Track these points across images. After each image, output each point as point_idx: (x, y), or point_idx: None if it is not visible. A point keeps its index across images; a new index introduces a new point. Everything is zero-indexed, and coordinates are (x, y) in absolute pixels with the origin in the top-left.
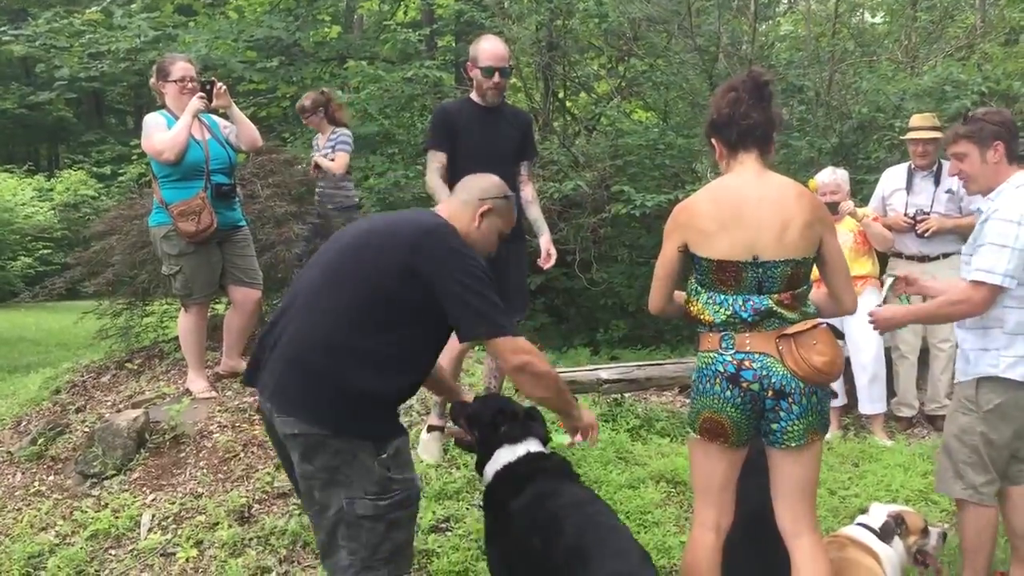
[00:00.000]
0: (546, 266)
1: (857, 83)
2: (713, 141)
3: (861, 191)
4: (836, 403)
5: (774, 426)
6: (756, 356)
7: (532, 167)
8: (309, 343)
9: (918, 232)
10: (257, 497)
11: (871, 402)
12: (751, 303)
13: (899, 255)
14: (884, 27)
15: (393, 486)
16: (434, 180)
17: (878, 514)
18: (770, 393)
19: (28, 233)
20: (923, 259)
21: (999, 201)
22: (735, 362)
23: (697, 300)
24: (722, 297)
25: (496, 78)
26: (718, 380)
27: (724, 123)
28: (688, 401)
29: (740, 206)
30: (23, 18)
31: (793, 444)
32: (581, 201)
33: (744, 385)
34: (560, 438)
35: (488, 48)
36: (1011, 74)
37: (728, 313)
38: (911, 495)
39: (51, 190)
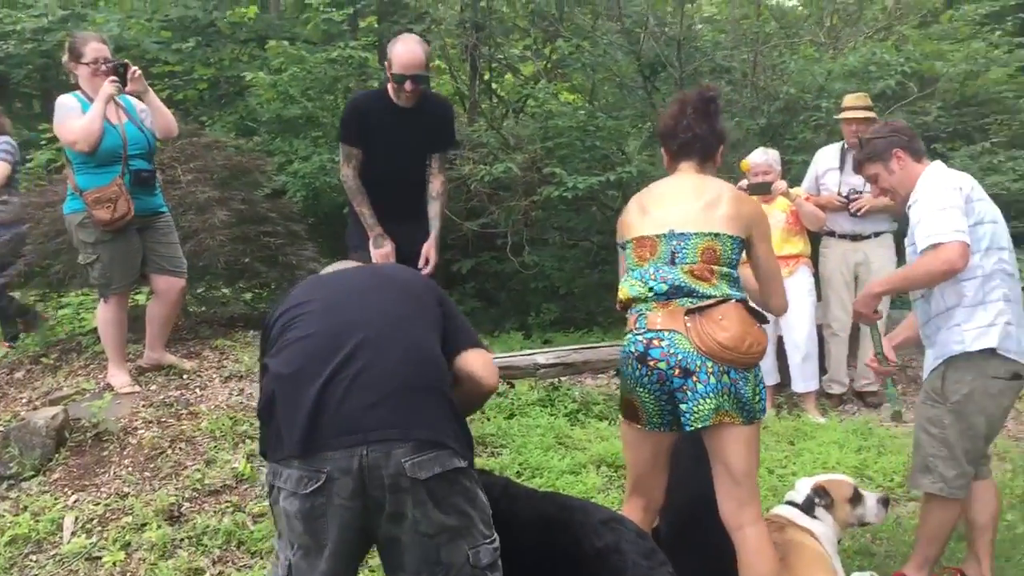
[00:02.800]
0: (423, 271)
1: (784, 64)
2: (662, 150)
3: (789, 171)
4: (769, 382)
5: (683, 407)
6: (664, 334)
7: (446, 159)
8: (419, 362)
9: (851, 211)
10: (187, 495)
11: (803, 380)
12: (661, 272)
13: (832, 234)
14: (802, 10)
15: (491, 522)
16: (351, 181)
17: (803, 489)
18: (677, 372)
19: None
20: (855, 238)
21: (917, 192)
22: (644, 341)
23: (620, 289)
24: (638, 272)
25: (408, 86)
26: (631, 361)
27: (668, 134)
28: None
29: (665, 194)
30: None
31: (699, 425)
32: (511, 184)
33: (652, 364)
34: None
35: (401, 55)
36: (929, 55)
37: (641, 286)
38: (847, 471)
39: None
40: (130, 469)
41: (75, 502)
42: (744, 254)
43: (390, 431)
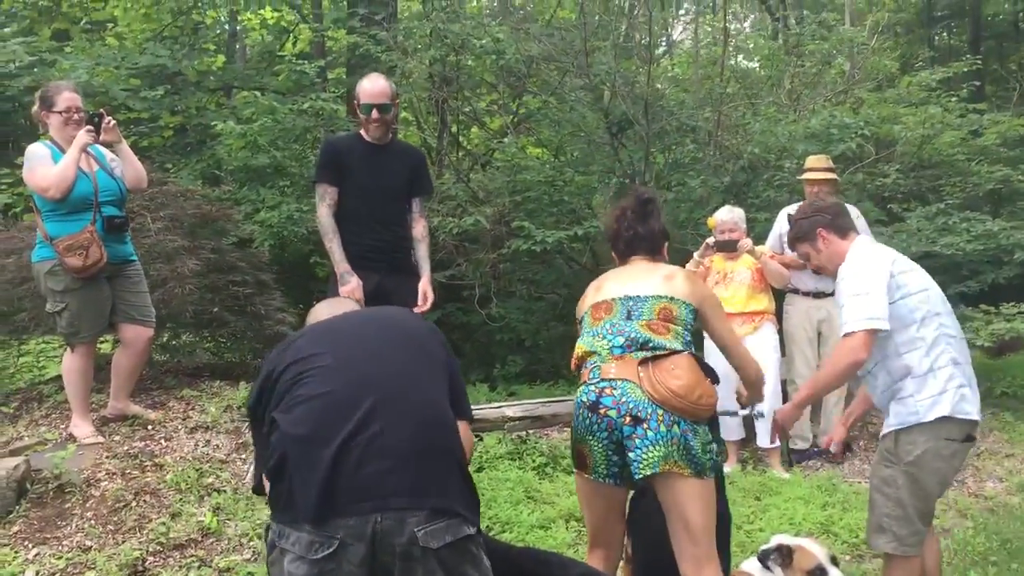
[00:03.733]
0: (421, 309)
1: (748, 123)
2: (612, 254)
3: (753, 229)
4: (734, 437)
5: (631, 455)
6: (617, 383)
7: (424, 204)
8: (433, 424)
9: (812, 269)
10: (151, 549)
11: (768, 436)
12: (617, 327)
13: (795, 291)
14: (763, 72)
15: None
16: (326, 219)
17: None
18: (627, 419)
19: None
20: (818, 295)
21: (840, 271)
22: (597, 390)
23: (577, 344)
24: (593, 330)
25: (375, 115)
26: (582, 410)
27: (613, 236)
28: None
29: (620, 274)
30: None
31: (648, 472)
32: (480, 236)
33: (602, 412)
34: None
35: (367, 87)
36: (886, 118)
37: (597, 340)
38: (813, 527)
39: None
40: (93, 522)
41: (36, 555)
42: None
43: (405, 499)
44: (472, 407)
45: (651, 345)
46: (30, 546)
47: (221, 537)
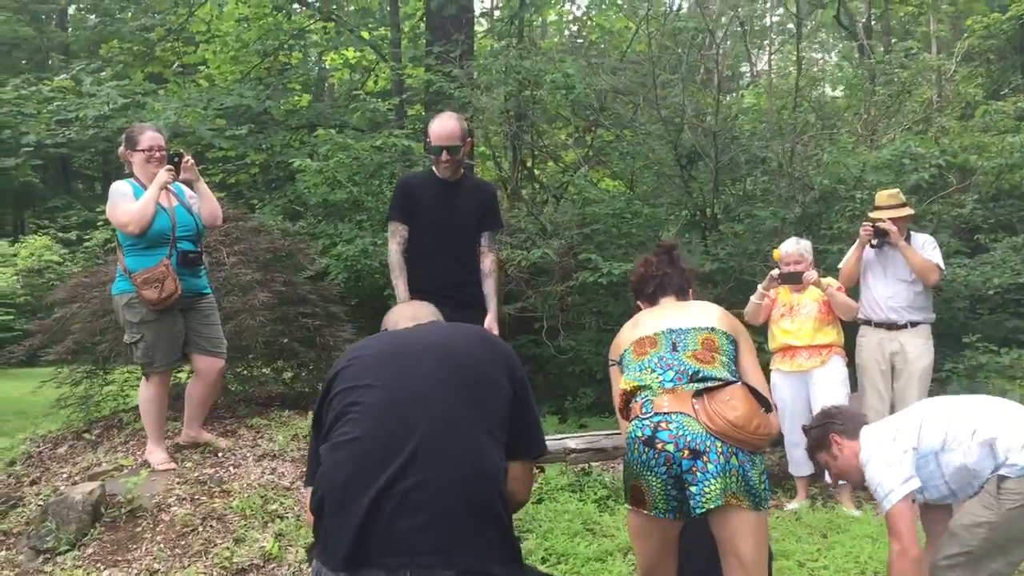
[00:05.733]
0: None
1: (818, 155)
2: (637, 303)
3: (825, 260)
4: (804, 472)
5: (692, 489)
6: (672, 416)
7: (494, 238)
8: (473, 478)
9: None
10: (216, 573)
11: None
12: (665, 360)
13: (868, 323)
14: (843, 101)
15: None
16: (394, 256)
17: None
18: (686, 453)
19: None
20: (891, 327)
21: (862, 459)
22: (652, 424)
23: (620, 385)
24: (639, 364)
25: (444, 156)
26: (637, 445)
27: (641, 280)
28: None
29: (655, 312)
30: None
31: (710, 506)
32: (549, 269)
33: (659, 446)
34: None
35: (436, 128)
36: (967, 148)
37: (646, 375)
38: (879, 567)
39: (15, 255)
40: (161, 546)
41: None
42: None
43: (437, 556)
44: None
45: (701, 376)
46: (102, 568)
47: (282, 563)
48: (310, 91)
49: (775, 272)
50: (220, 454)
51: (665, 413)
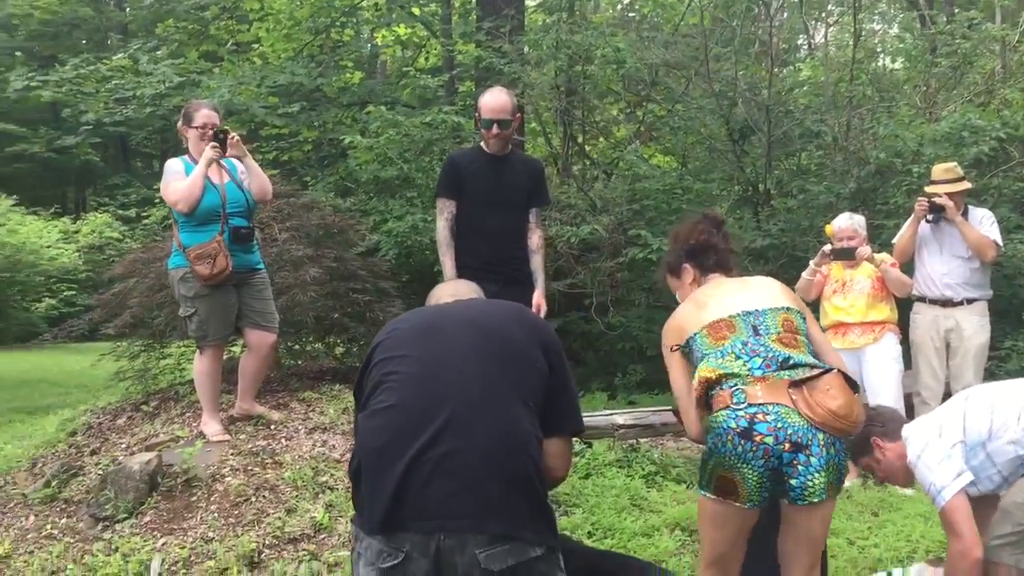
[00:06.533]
0: None
1: (875, 128)
2: (686, 267)
3: (880, 236)
4: None
5: (793, 482)
6: (769, 407)
7: (542, 214)
8: (505, 446)
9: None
10: (268, 542)
11: None
12: (750, 345)
13: (922, 299)
14: (903, 73)
15: None
16: (442, 233)
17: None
18: (787, 446)
19: (52, 275)
20: (946, 303)
21: (910, 458)
22: (747, 416)
23: (698, 372)
24: (719, 350)
25: (495, 130)
26: (731, 437)
27: (703, 249)
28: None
29: (715, 292)
30: (51, 64)
31: (816, 500)
32: (598, 245)
33: (758, 439)
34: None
35: (488, 101)
36: None
37: (731, 361)
38: (931, 546)
39: (77, 232)
40: (215, 515)
41: (163, 545)
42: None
43: (466, 521)
44: (583, 414)
45: (792, 363)
46: (158, 536)
47: (332, 533)
48: (362, 68)
49: (827, 247)
50: (272, 426)
51: (760, 404)
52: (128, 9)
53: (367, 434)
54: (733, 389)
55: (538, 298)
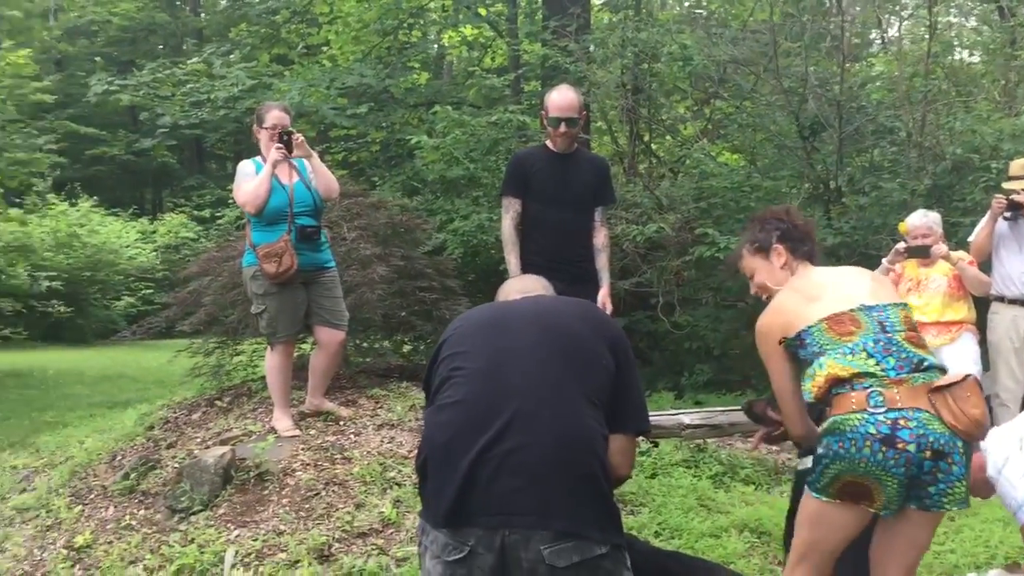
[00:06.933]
0: None
1: (951, 123)
2: (778, 247)
3: (956, 234)
4: None
5: (931, 488)
6: (910, 413)
7: (607, 213)
8: (569, 443)
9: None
10: (337, 536)
11: None
12: (882, 344)
13: (1000, 299)
14: (981, 66)
15: None
16: (507, 231)
17: None
18: (928, 454)
19: (131, 274)
20: None
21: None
22: (888, 421)
23: (821, 370)
24: (848, 346)
25: (562, 128)
26: (868, 442)
27: (803, 234)
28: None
29: (821, 283)
30: (129, 69)
31: (955, 508)
32: (664, 243)
33: (900, 446)
34: None
35: (556, 99)
36: None
37: (864, 360)
38: (1010, 552)
39: (154, 232)
40: (287, 508)
41: (236, 537)
42: None
43: (531, 517)
44: (649, 413)
45: (926, 365)
46: (232, 528)
47: (400, 528)
48: (428, 69)
49: (901, 245)
50: (342, 423)
51: (900, 408)
52: (203, 14)
53: (434, 429)
54: (869, 391)
55: (603, 297)
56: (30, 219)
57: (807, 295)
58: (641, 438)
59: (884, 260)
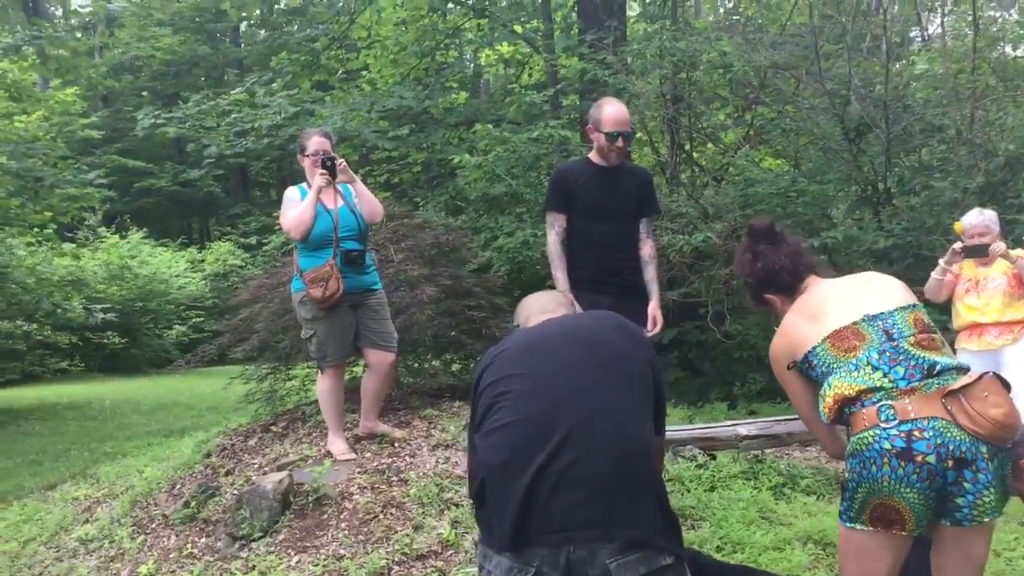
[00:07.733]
0: (651, 332)
1: (1002, 119)
2: (768, 298)
3: (1012, 231)
4: None
5: (959, 500)
6: (924, 422)
7: (652, 224)
8: (626, 452)
9: None
10: (396, 559)
11: None
12: (888, 354)
13: None
14: None
15: None
16: (553, 247)
17: None
18: (950, 463)
19: (182, 303)
20: None
21: None
22: (903, 435)
23: (829, 390)
24: (853, 363)
25: (620, 142)
26: (886, 459)
27: (770, 274)
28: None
29: (831, 295)
30: (174, 102)
31: (986, 519)
32: (712, 252)
33: (919, 459)
34: None
35: (612, 113)
36: None
37: (869, 374)
38: None
39: (202, 261)
40: (346, 532)
41: (297, 562)
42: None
43: (596, 531)
44: (703, 425)
45: (939, 368)
46: (292, 554)
47: (459, 549)
48: (467, 88)
49: (957, 245)
50: (396, 444)
51: (913, 419)
52: (243, 45)
53: (487, 452)
54: (879, 405)
55: (653, 309)
56: (83, 253)
57: (810, 314)
58: (699, 451)
59: (940, 261)
